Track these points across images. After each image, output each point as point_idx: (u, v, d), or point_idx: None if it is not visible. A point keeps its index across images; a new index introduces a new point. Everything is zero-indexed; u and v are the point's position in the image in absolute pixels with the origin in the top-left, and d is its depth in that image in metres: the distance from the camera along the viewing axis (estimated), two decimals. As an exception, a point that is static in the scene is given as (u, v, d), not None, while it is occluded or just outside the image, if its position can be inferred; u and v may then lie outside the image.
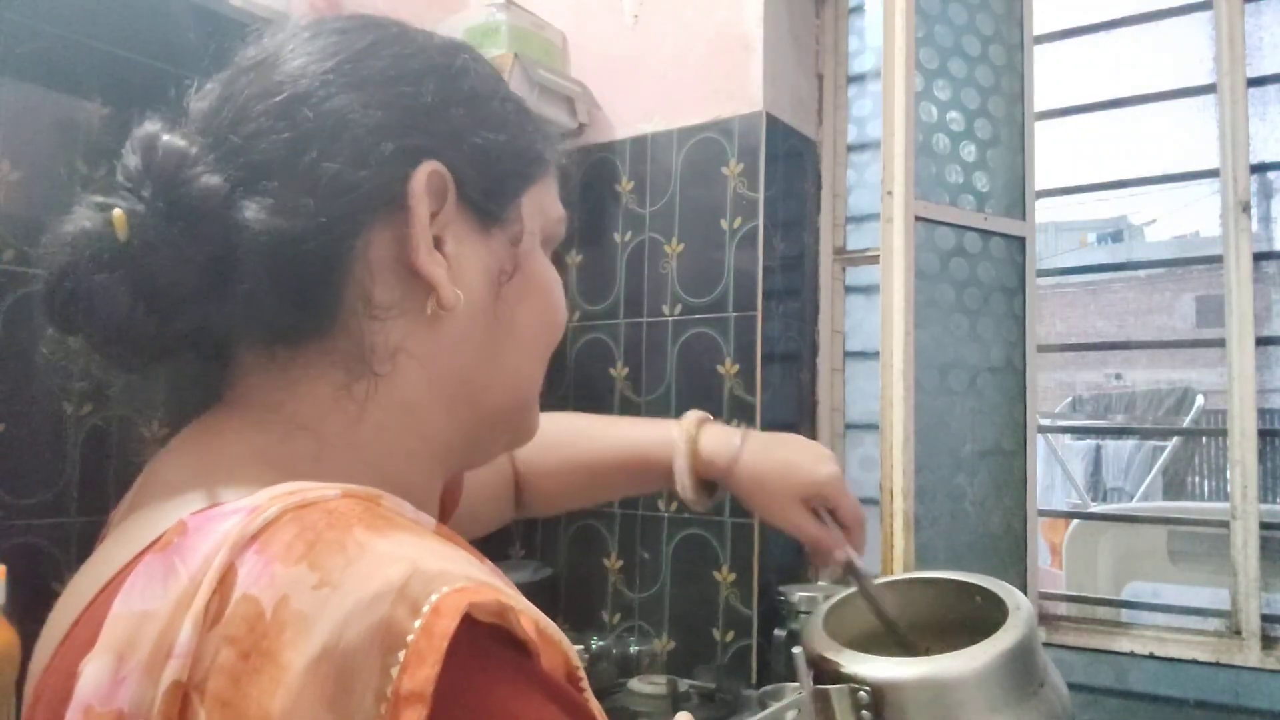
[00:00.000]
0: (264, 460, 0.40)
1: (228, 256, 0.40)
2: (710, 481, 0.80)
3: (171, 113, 0.44)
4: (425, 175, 0.43)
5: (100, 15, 1.11)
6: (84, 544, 1.11)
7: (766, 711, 0.73)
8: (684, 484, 0.77)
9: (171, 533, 0.35)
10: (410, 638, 0.31)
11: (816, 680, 0.71)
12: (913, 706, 0.68)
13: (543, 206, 0.50)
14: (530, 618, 0.35)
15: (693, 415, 0.79)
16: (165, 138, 0.41)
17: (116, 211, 0.39)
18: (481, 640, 0.32)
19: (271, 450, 0.41)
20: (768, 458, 0.77)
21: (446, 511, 0.58)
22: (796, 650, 0.70)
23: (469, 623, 0.32)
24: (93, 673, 0.32)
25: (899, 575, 1.14)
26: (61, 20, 1.11)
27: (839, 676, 0.70)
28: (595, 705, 0.37)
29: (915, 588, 0.87)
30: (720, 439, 0.78)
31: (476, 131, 0.46)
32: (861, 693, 0.68)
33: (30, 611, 1.03)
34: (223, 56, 0.49)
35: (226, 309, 0.40)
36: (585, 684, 0.37)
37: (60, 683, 0.35)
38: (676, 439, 0.77)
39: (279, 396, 0.43)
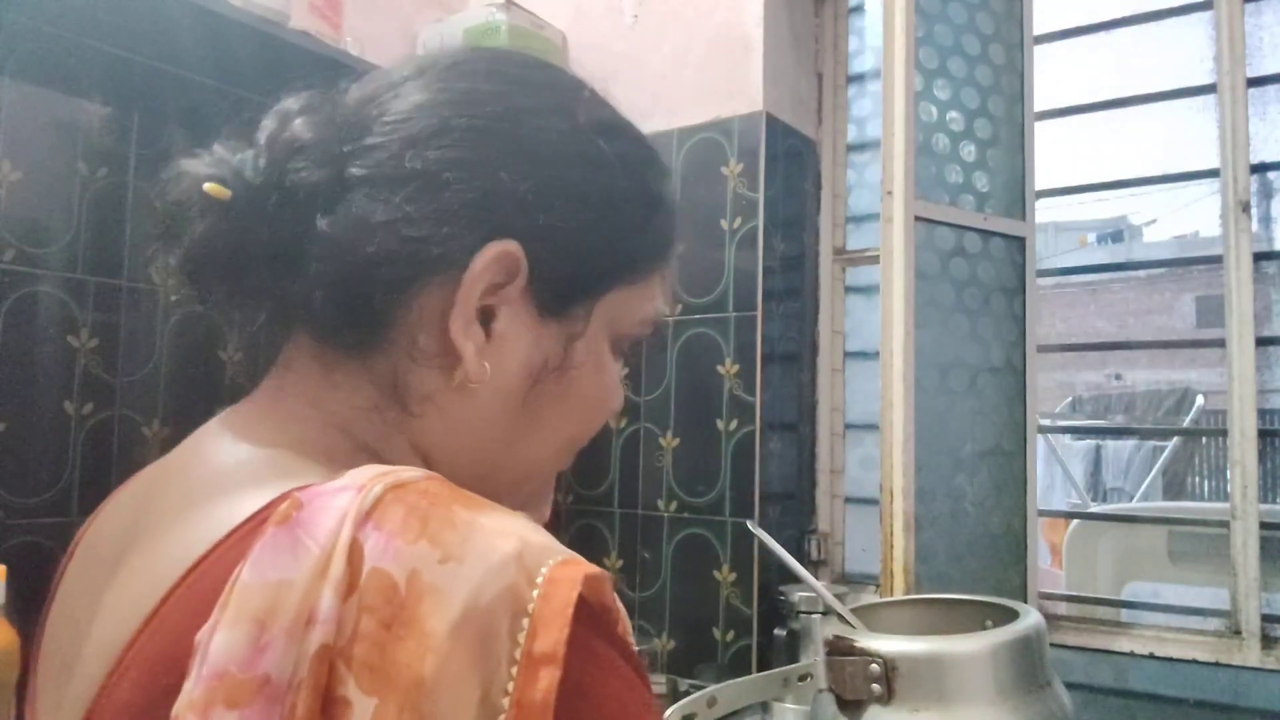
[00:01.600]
0: (311, 450, 0.43)
1: (304, 245, 0.43)
2: None
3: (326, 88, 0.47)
4: (494, 254, 0.44)
5: (100, 15, 1.11)
6: (84, 544, 1.11)
7: (779, 670, 0.74)
8: None
9: (288, 508, 0.36)
10: (531, 605, 0.34)
11: (832, 653, 0.72)
12: (921, 680, 0.69)
13: (625, 309, 0.50)
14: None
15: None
16: (297, 123, 0.44)
17: (210, 186, 0.43)
18: (589, 608, 0.36)
19: (312, 442, 0.43)
20: None
21: None
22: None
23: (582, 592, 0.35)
24: (227, 641, 0.33)
25: (914, 595, 1.15)
26: (61, 20, 1.11)
27: (853, 649, 0.71)
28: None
29: (928, 608, 0.88)
30: None
31: (575, 229, 0.46)
32: (874, 665, 0.69)
33: (30, 611, 1.03)
34: (222, 56, 0.51)
35: (293, 289, 0.43)
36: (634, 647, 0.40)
37: (165, 654, 0.36)
38: None
39: (321, 394, 0.45)
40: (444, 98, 0.45)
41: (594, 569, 0.36)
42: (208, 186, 0.42)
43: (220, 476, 0.42)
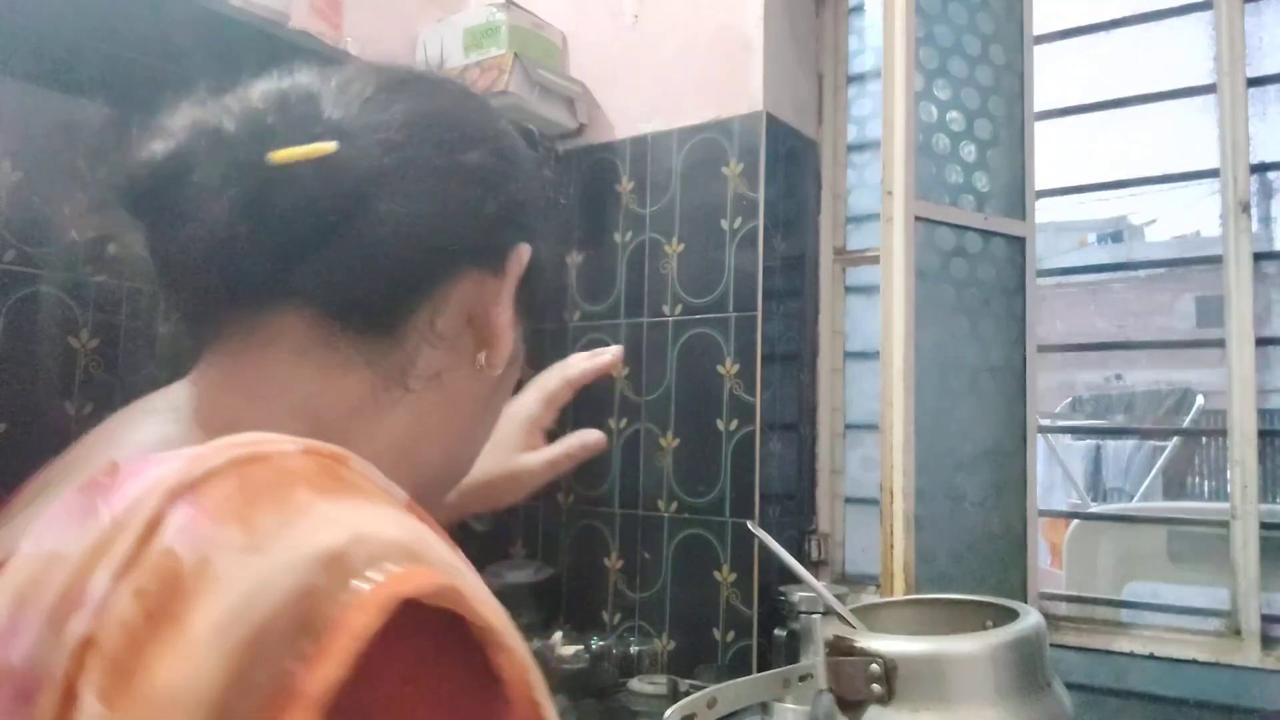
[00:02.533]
0: (291, 411, 0.42)
1: (345, 223, 0.41)
2: None
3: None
4: (525, 253, 0.48)
5: (100, 15, 1.11)
6: (84, 544, 1.11)
7: (779, 670, 0.74)
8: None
9: (100, 473, 0.31)
10: (327, 622, 0.27)
11: (832, 653, 0.72)
12: (921, 680, 0.69)
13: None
14: (496, 609, 0.32)
15: None
16: (333, 109, 0.44)
17: (323, 145, 0.41)
18: (421, 636, 0.29)
19: (257, 424, 0.38)
20: None
21: None
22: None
23: (410, 616, 0.28)
24: None
25: (914, 595, 1.15)
26: (61, 20, 1.11)
27: (853, 650, 0.71)
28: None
29: (928, 608, 0.88)
30: None
31: (545, 238, 0.51)
32: (874, 665, 0.69)
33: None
34: (222, 56, 0.51)
35: (304, 267, 0.41)
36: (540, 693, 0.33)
37: None
38: None
39: (301, 373, 0.43)
40: (473, 104, 0.50)
41: (434, 583, 0.29)
42: (319, 147, 0.41)
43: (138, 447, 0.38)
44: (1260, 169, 1.33)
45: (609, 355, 0.79)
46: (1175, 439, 4.60)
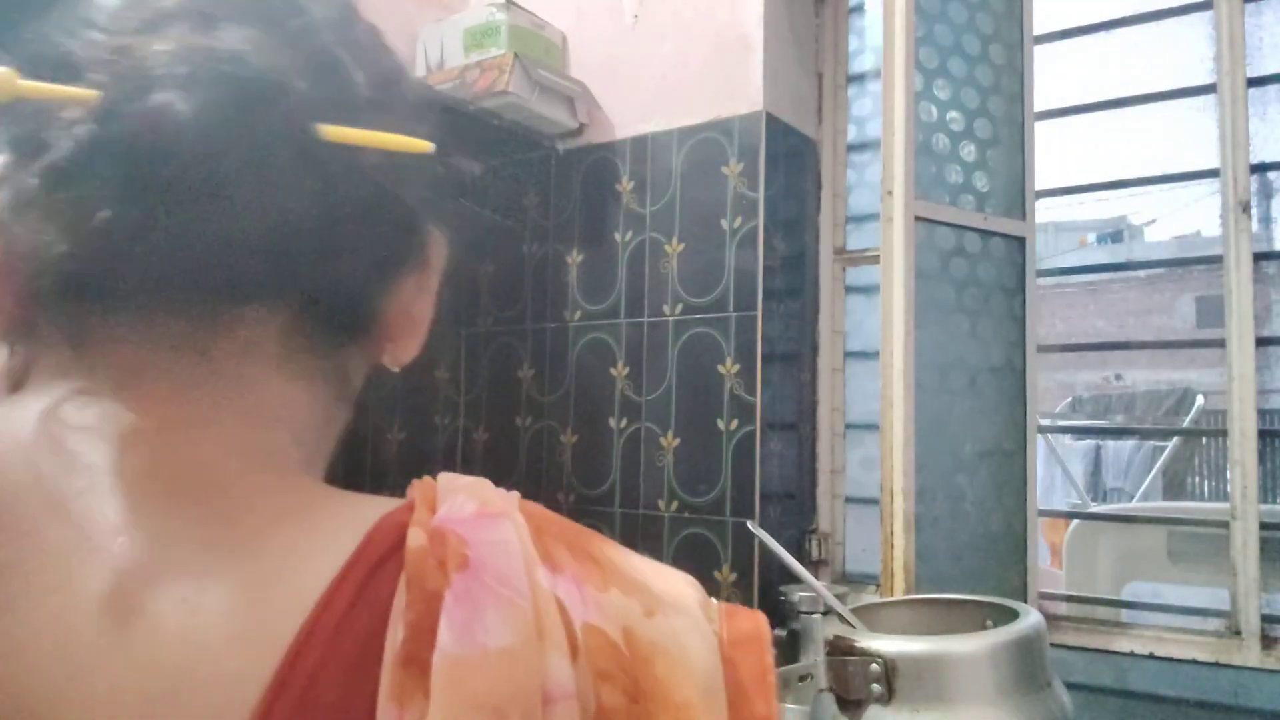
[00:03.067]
0: (275, 465, 0.35)
1: (314, 213, 0.34)
2: None
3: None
4: (443, 240, 0.44)
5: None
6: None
7: (779, 670, 0.74)
8: None
9: (455, 547, 0.28)
10: (722, 658, 0.30)
11: (832, 653, 0.72)
12: (921, 680, 0.69)
13: None
14: None
15: None
16: (299, 83, 0.35)
17: (417, 141, 0.35)
18: None
19: (269, 454, 0.35)
20: None
21: None
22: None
23: None
24: (550, 663, 0.26)
25: (914, 595, 1.15)
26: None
27: (853, 649, 0.71)
28: None
29: (928, 608, 0.88)
30: None
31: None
32: (874, 665, 0.69)
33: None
34: None
35: (266, 264, 0.34)
36: None
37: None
38: None
39: (274, 386, 0.36)
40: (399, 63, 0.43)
41: (763, 618, 0.33)
42: (414, 142, 0.35)
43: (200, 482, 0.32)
44: (1260, 169, 1.33)
45: None
46: (1175, 439, 4.59)
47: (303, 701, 0.26)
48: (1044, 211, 1.47)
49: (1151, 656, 1.29)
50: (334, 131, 0.33)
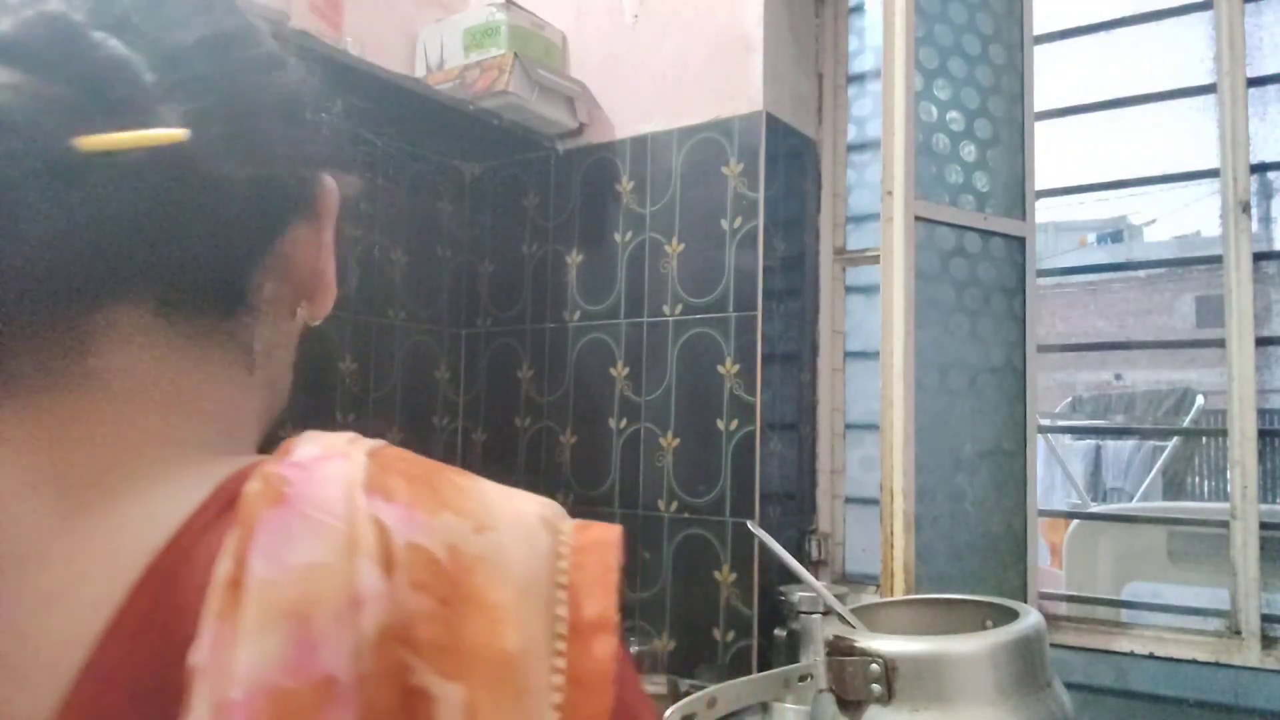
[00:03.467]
0: (174, 440, 0.36)
1: (152, 201, 0.34)
2: None
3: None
4: (333, 184, 0.43)
5: (100, 15, 1.10)
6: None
7: (779, 670, 0.74)
8: None
9: (274, 484, 0.31)
10: (565, 573, 0.33)
11: (832, 653, 0.72)
12: (921, 680, 0.69)
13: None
14: None
15: None
16: (111, 42, 0.34)
17: (167, 132, 0.34)
18: (620, 570, 0.35)
19: (168, 431, 0.36)
20: None
21: None
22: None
23: None
24: (262, 650, 0.27)
25: (914, 595, 1.15)
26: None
27: (853, 649, 0.71)
28: None
29: (928, 608, 0.88)
30: None
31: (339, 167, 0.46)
32: (874, 665, 0.69)
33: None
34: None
35: (109, 254, 0.34)
36: None
37: (147, 683, 0.29)
38: None
39: (161, 367, 0.37)
40: (245, 20, 0.42)
41: (615, 527, 0.36)
42: (162, 134, 0.33)
43: (106, 465, 0.34)
44: (1260, 169, 1.33)
45: None
46: (1175, 439, 4.60)
47: (143, 626, 0.30)
48: (1044, 211, 1.47)
49: (1151, 656, 1.29)
50: (90, 142, 0.33)
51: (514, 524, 0.33)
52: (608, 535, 0.35)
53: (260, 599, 0.28)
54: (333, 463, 0.32)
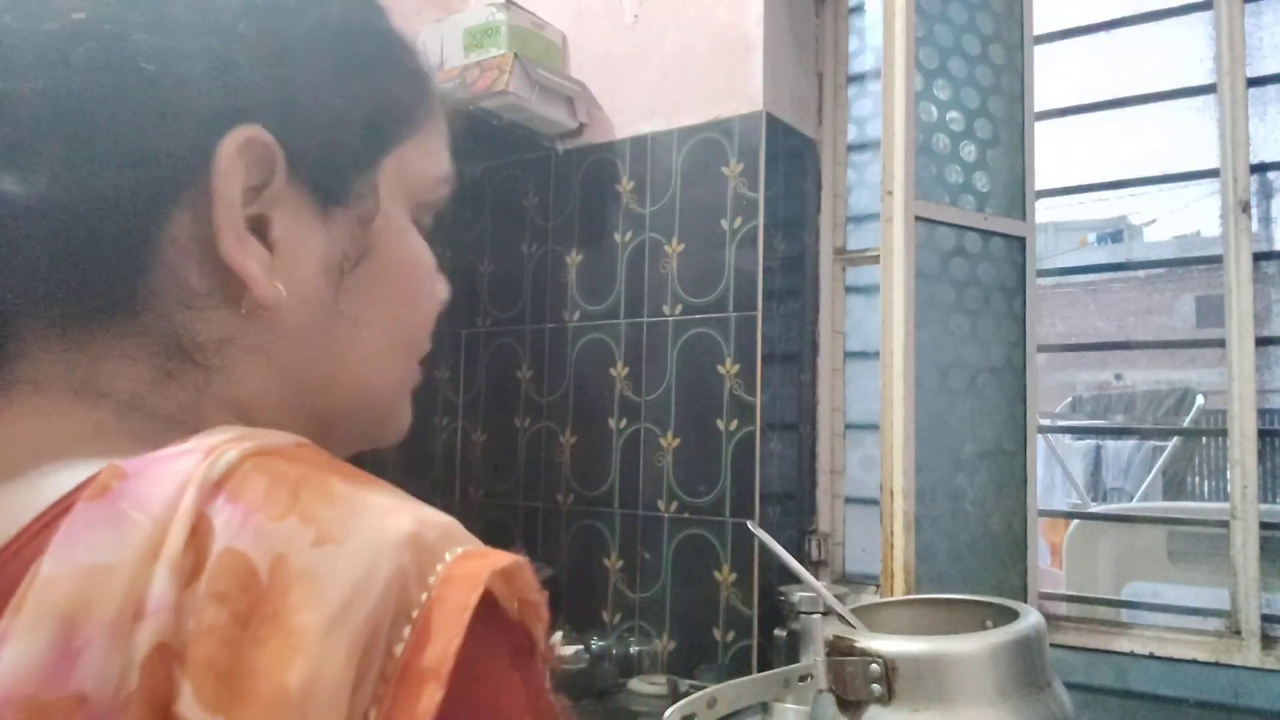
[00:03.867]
0: (106, 434, 0.34)
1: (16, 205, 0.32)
2: None
3: None
4: (236, 146, 0.35)
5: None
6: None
7: (779, 670, 0.74)
8: None
9: (106, 477, 0.28)
10: (418, 607, 0.28)
11: (832, 653, 0.72)
12: (921, 680, 0.69)
13: (411, 170, 0.42)
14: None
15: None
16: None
17: None
18: (493, 614, 0.29)
19: (110, 422, 0.34)
20: None
21: None
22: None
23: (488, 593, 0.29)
24: (22, 652, 0.24)
25: (914, 595, 1.15)
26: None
27: (853, 649, 0.71)
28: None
29: (928, 608, 0.88)
30: None
31: (318, 85, 0.37)
32: (874, 665, 0.69)
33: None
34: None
35: (6, 271, 0.33)
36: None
37: None
38: None
39: (84, 374, 0.34)
40: None
41: (505, 561, 0.30)
42: None
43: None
44: (1260, 169, 1.33)
45: None
46: (1175, 439, 4.60)
47: None
48: (1044, 211, 1.47)
49: (1151, 656, 1.29)
50: None
51: (366, 540, 0.28)
52: (475, 568, 0.29)
53: (37, 598, 0.25)
54: (186, 458, 0.29)
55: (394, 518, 0.29)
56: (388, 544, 0.28)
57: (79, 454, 0.32)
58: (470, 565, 0.29)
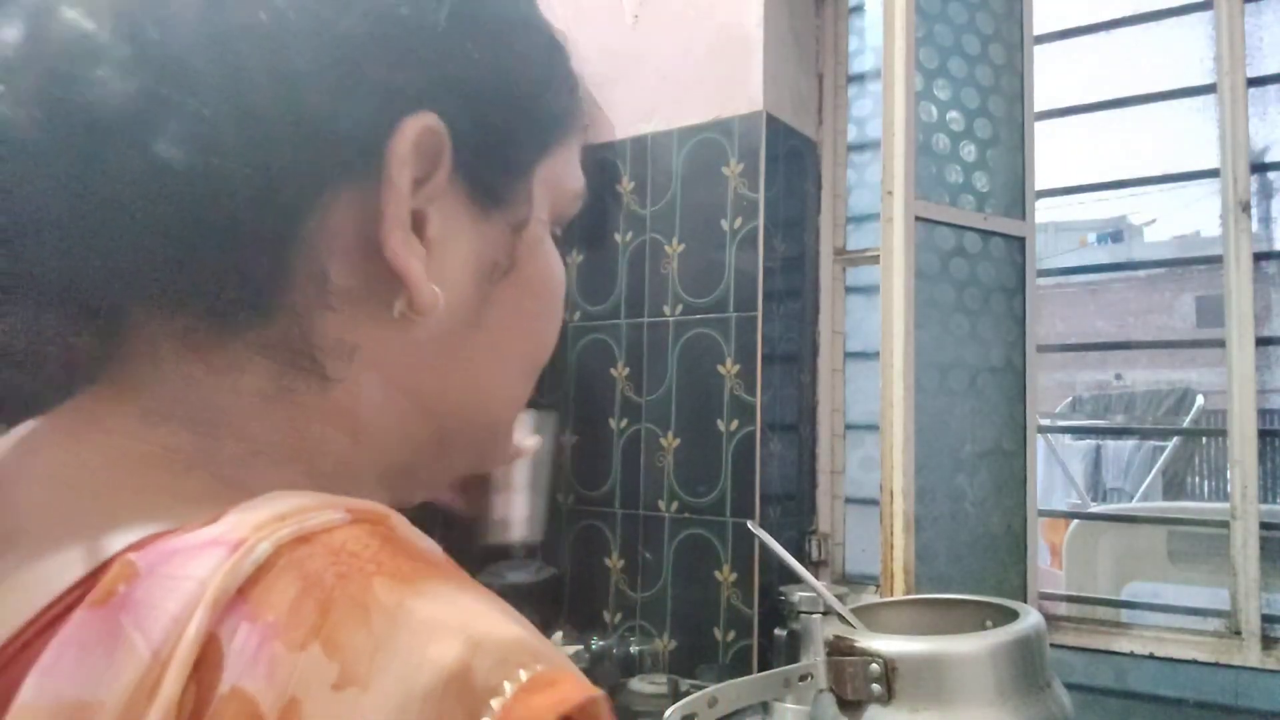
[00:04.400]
0: (181, 464, 0.30)
1: (126, 195, 0.28)
2: None
3: None
4: (415, 132, 0.31)
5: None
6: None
7: (780, 670, 0.74)
8: None
9: (114, 578, 0.24)
10: None
11: (832, 653, 0.72)
12: (921, 680, 0.69)
13: (556, 180, 0.40)
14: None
15: None
16: (67, 11, 0.29)
17: None
18: None
19: (186, 452, 0.30)
20: None
21: None
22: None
23: None
24: None
25: (914, 595, 1.15)
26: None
27: (853, 649, 0.71)
28: None
29: (928, 608, 0.88)
30: None
31: (493, 75, 0.34)
32: (874, 665, 0.70)
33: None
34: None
35: (119, 264, 0.29)
36: None
37: None
38: None
39: (191, 387, 0.31)
40: None
41: (578, 696, 0.25)
42: None
43: (31, 510, 0.29)
44: (1260, 169, 1.33)
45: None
46: (1175, 439, 4.60)
47: None
48: (1044, 211, 1.47)
49: (1151, 657, 1.29)
50: None
51: (397, 683, 0.23)
52: (549, 707, 0.23)
53: None
54: (210, 552, 0.24)
55: (439, 643, 0.24)
56: (421, 689, 0.23)
57: (143, 494, 0.29)
58: (535, 704, 0.24)
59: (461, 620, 0.25)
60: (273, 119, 0.29)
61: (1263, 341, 1.30)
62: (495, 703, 0.23)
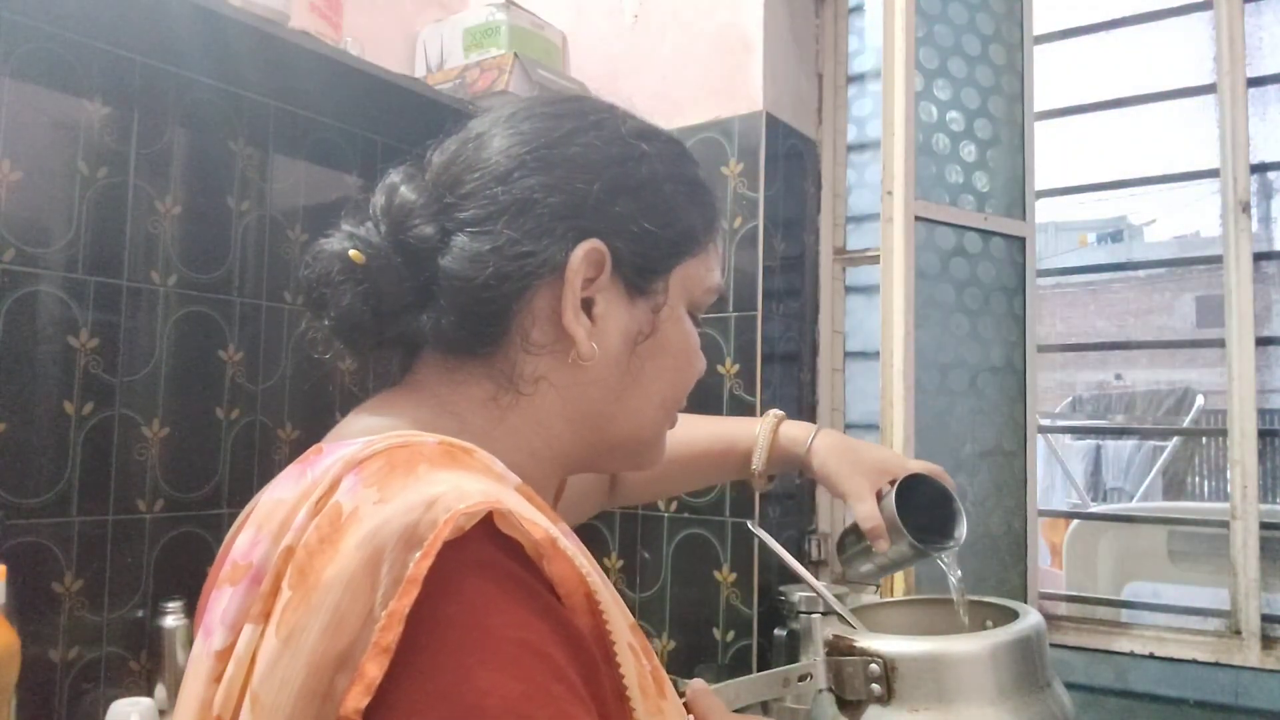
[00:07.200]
0: (419, 427, 0.51)
1: (430, 286, 0.52)
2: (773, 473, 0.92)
3: (411, 163, 0.57)
4: (584, 252, 0.53)
5: (100, 15, 1.11)
6: (85, 543, 1.11)
7: (779, 669, 0.74)
8: (760, 466, 0.88)
9: (311, 451, 0.49)
10: (431, 534, 0.40)
11: (832, 653, 0.72)
12: (921, 680, 0.69)
13: (693, 279, 0.61)
14: (543, 529, 0.43)
15: (773, 411, 0.92)
16: (402, 189, 0.54)
17: (353, 252, 0.52)
18: (485, 546, 0.41)
19: (425, 423, 0.52)
20: (837, 443, 0.89)
21: (555, 498, 0.66)
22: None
23: (479, 528, 0.41)
24: (242, 539, 0.47)
25: (914, 595, 1.15)
26: (61, 20, 1.11)
27: (853, 649, 0.71)
28: (616, 630, 0.47)
29: (928, 608, 0.88)
30: (796, 429, 0.90)
31: (638, 218, 0.56)
32: (873, 665, 0.70)
33: (30, 611, 1.03)
34: (222, 56, 0.48)
35: (423, 321, 0.53)
36: (604, 610, 0.46)
37: (223, 553, 0.49)
38: (760, 429, 0.90)
39: (443, 390, 0.54)
40: (515, 139, 0.55)
41: (487, 506, 0.41)
42: (351, 253, 0.52)
43: (342, 436, 0.52)
44: (1260, 169, 1.33)
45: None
46: (1175, 439, 4.60)
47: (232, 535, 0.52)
48: (1044, 211, 1.47)
49: (1151, 656, 1.29)
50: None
51: (403, 500, 0.42)
52: (462, 508, 0.41)
53: (257, 511, 0.47)
54: (352, 445, 0.47)
55: (435, 487, 0.42)
56: (409, 502, 0.41)
57: (396, 429, 0.50)
58: (460, 506, 0.41)
59: (454, 480, 0.43)
60: (513, 242, 0.52)
61: (1263, 341, 1.30)
62: (444, 514, 0.41)
